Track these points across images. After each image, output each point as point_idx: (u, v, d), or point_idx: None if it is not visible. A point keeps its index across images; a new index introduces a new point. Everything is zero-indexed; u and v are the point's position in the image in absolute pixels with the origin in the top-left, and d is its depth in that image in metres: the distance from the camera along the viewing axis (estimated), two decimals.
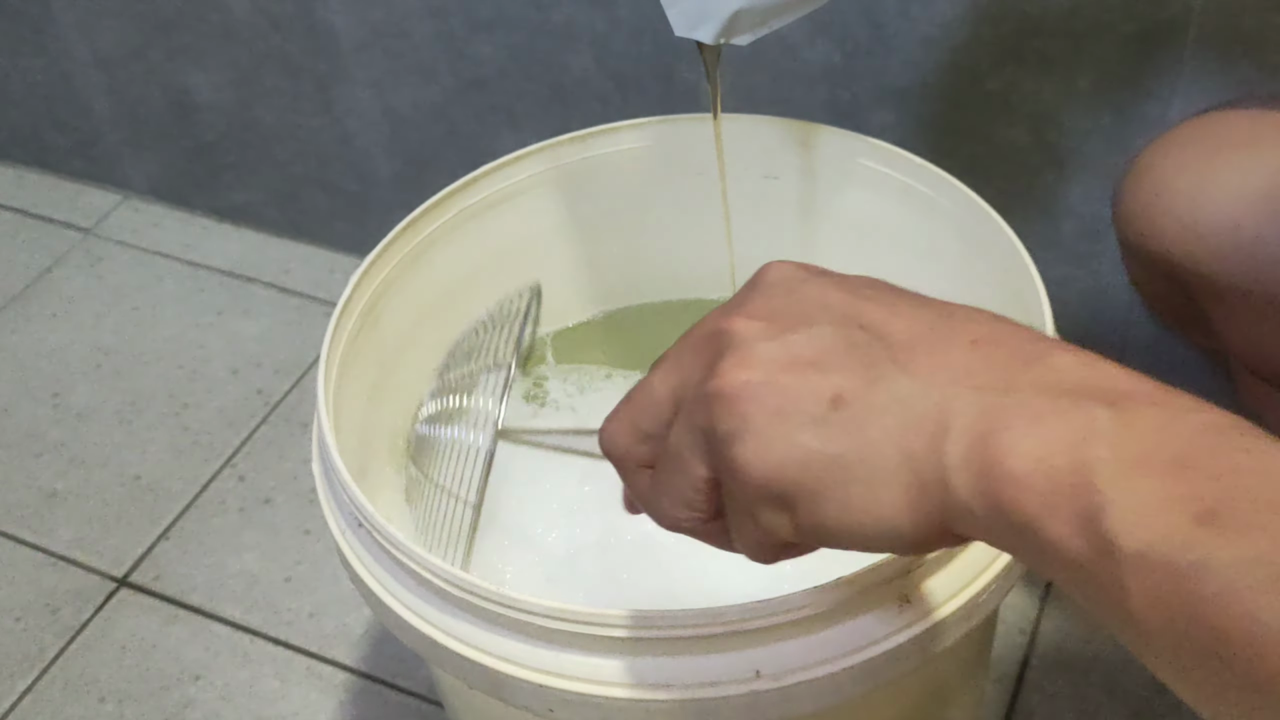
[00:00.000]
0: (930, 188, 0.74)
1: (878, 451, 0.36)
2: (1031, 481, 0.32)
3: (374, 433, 0.74)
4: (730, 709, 0.52)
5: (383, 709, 0.88)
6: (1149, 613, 0.30)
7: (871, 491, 0.36)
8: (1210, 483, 0.30)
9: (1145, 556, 0.30)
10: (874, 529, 0.36)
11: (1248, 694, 0.29)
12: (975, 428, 0.34)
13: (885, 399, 0.36)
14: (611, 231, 0.83)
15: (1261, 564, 0.28)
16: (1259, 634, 0.28)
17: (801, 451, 0.37)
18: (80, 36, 1.19)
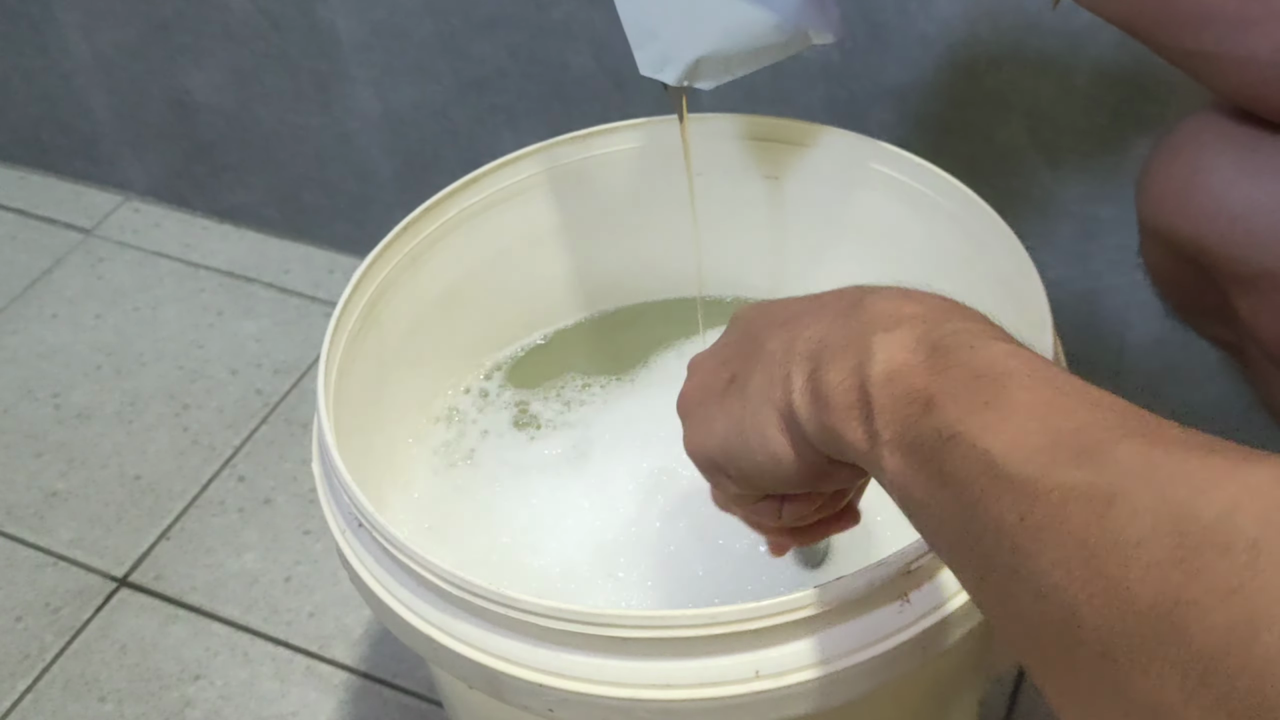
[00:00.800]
0: (930, 187, 0.74)
1: (755, 409, 0.46)
2: (834, 399, 0.42)
3: (374, 433, 0.74)
4: (730, 709, 0.52)
5: (382, 709, 0.88)
6: (898, 482, 0.38)
7: (758, 437, 0.46)
8: (936, 382, 0.38)
9: (891, 441, 0.39)
10: (771, 463, 0.46)
11: (972, 554, 0.34)
12: (805, 374, 0.44)
13: (756, 368, 0.47)
14: (611, 231, 0.83)
15: (962, 444, 0.35)
16: (960, 498, 0.35)
17: (711, 426, 0.49)
18: (80, 36, 1.19)
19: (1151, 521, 0.28)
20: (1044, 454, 0.33)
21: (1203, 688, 0.25)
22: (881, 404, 0.39)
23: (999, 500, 0.33)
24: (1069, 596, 0.30)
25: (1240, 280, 0.64)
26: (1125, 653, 0.28)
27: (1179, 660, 0.26)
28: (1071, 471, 0.32)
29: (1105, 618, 0.28)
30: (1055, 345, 0.63)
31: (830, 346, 0.43)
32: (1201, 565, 0.27)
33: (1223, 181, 0.63)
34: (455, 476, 0.77)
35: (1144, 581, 0.28)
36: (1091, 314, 0.91)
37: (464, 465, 0.78)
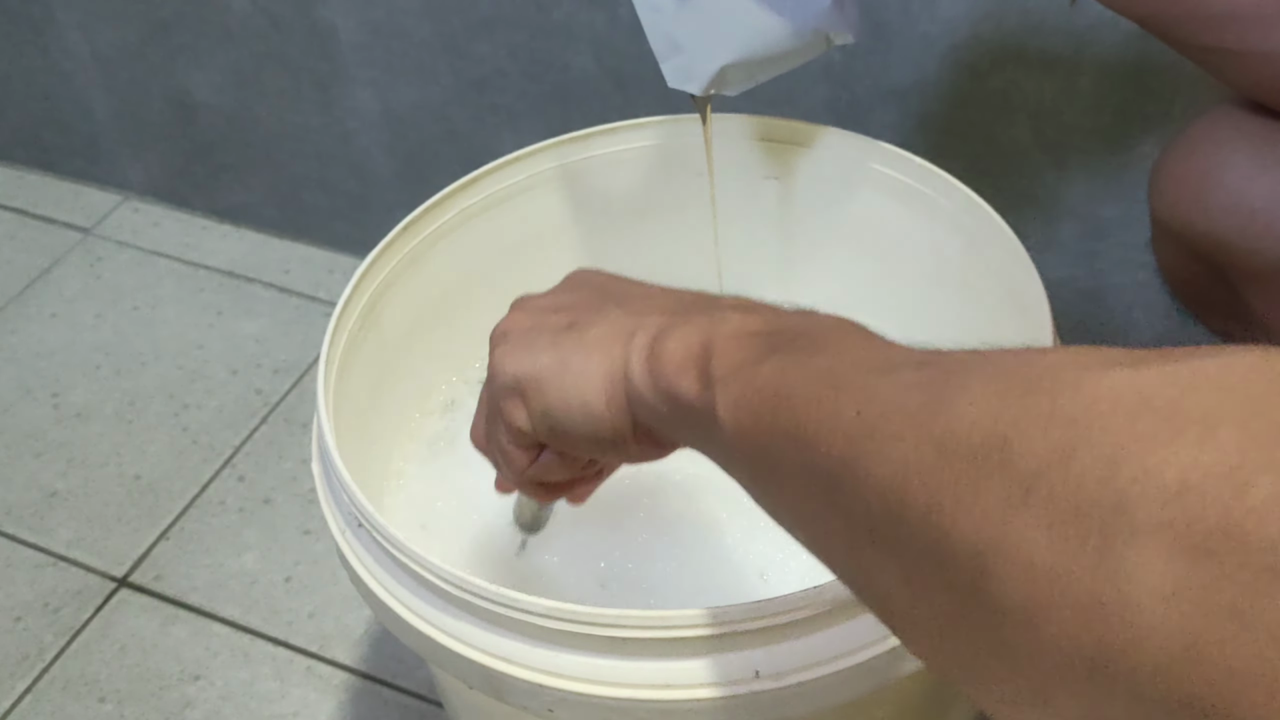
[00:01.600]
0: (931, 188, 0.74)
1: (588, 354, 0.47)
2: (675, 357, 0.43)
3: (374, 433, 0.74)
4: (730, 709, 0.52)
5: (382, 709, 0.88)
6: (729, 418, 0.39)
7: (580, 380, 0.47)
8: (780, 335, 0.40)
9: (727, 377, 0.40)
10: (579, 409, 0.47)
11: (801, 470, 0.35)
12: (651, 333, 0.45)
13: (601, 321, 0.48)
14: (611, 231, 0.83)
15: (796, 366, 0.37)
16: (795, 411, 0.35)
17: (536, 355, 0.49)
18: (80, 36, 1.19)
19: (981, 386, 0.29)
20: (885, 364, 0.35)
21: (1022, 507, 0.26)
22: (722, 349, 0.41)
23: (836, 403, 0.34)
24: (899, 466, 0.30)
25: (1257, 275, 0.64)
26: (950, 498, 0.28)
27: (999, 488, 0.27)
28: (909, 373, 0.33)
29: (932, 472, 0.29)
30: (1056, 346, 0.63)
31: (684, 316, 0.45)
32: (1028, 405, 0.28)
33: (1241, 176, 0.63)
34: (455, 476, 0.77)
35: (973, 428, 0.28)
36: (1096, 314, 0.91)
37: (464, 465, 0.78)
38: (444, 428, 0.80)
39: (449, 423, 0.80)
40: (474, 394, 0.82)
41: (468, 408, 0.81)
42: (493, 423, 0.53)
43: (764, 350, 0.40)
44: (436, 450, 0.79)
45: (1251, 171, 0.63)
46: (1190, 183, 0.65)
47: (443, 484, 0.77)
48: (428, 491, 0.77)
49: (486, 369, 0.52)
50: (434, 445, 0.79)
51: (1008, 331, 0.71)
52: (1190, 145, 0.66)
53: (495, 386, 0.51)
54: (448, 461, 0.78)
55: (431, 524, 0.75)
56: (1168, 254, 0.70)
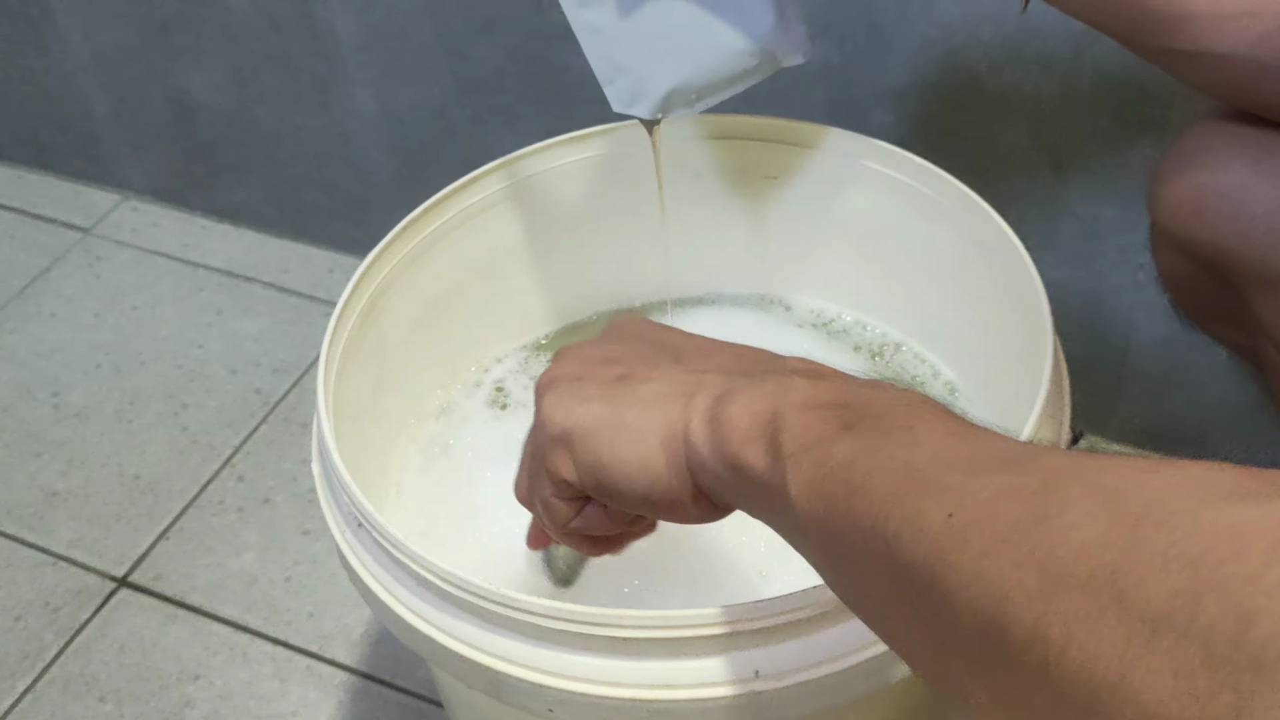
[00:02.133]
0: (931, 188, 0.74)
1: (644, 410, 0.45)
2: (740, 423, 0.41)
3: (374, 433, 0.74)
4: (730, 709, 0.52)
5: (382, 709, 0.88)
6: (803, 500, 0.37)
7: (635, 437, 0.45)
8: (853, 411, 0.39)
9: (798, 455, 0.38)
10: (635, 467, 0.45)
11: (880, 568, 0.33)
12: (714, 394, 0.43)
13: (658, 376, 0.46)
14: (612, 230, 0.83)
15: (874, 453, 0.35)
16: (874, 503, 0.34)
17: (587, 406, 0.47)
18: (80, 36, 1.19)
19: (1085, 507, 0.28)
20: (970, 462, 0.33)
21: (1145, 652, 0.25)
22: (793, 422, 0.39)
23: (921, 503, 0.32)
24: (996, 585, 0.29)
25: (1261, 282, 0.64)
26: (1059, 629, 0.27)
27: (1118, 627, 0.26)
28: (1000, 475, 0.31)
29: (1037, 598, 0.28)
30: (1056, 347, 0.63)
31: (747, 379, 0.43)
32: (1140, 537, 0.26)
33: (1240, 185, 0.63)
34: (456, 476, 0.77)
35: (1080, 556, 0.27)
36: (1096, 315, 0.91)
37: (464, 464, 0.78)
38: (444, 427, 0.80)
39: (449, 422, 0.80)
40: (475, 394, 0.82)
41: (468, 407, 0.81)
42: (536, 474, 0.50)
43: (837, 428, 0.38)
44: (436, 449, 0.79)
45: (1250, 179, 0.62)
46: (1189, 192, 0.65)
47: (443, 483, 0.77)
48: (428, 490, 0.77)
49: (533, 418, 0.49)
50: (434, 444, 0.79)
51: (1008, 332, 0.71)
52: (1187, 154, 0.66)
53: (541, 436, 0.49)
54: (448, 460, 0.78)
55: (431, 523, 0.75)
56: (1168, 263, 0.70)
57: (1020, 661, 0.28)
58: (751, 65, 0.67)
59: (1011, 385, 0.70)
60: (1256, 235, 0.62)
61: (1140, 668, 0.25)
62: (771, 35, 0.67)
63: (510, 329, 0.85)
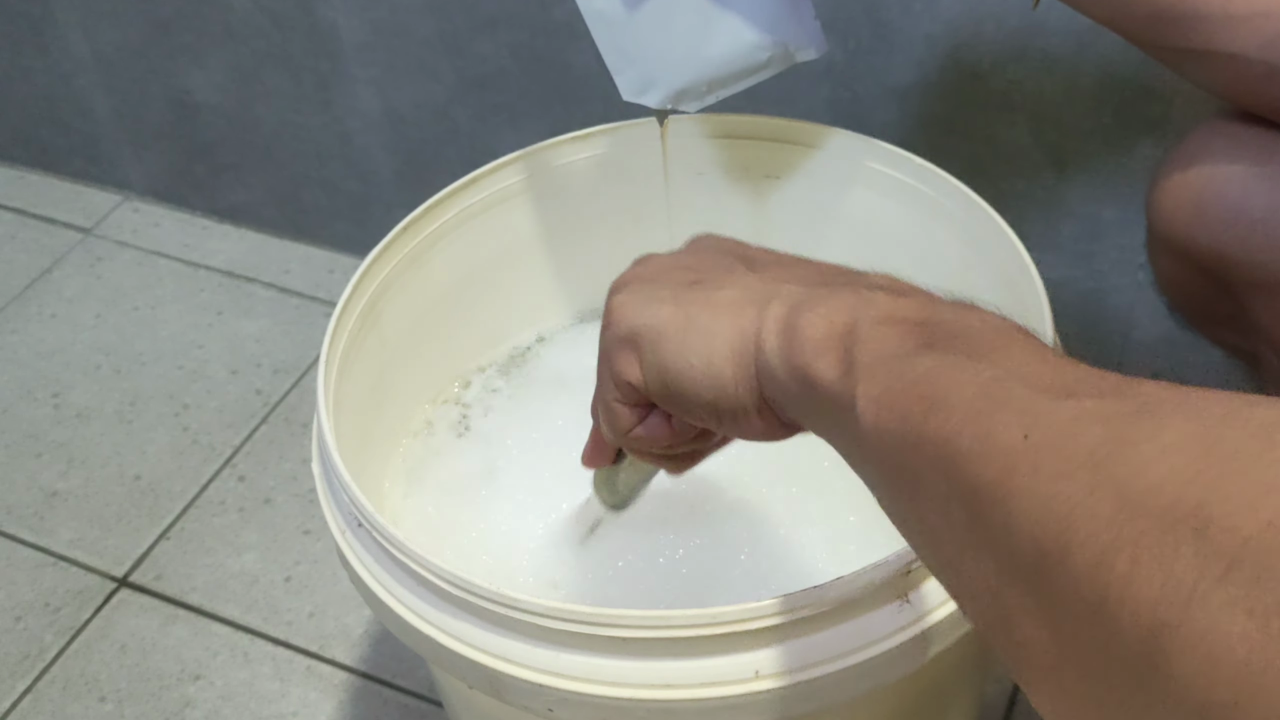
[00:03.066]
0: (931, 188, 0.74)
1: (715, 314, 0.44)
2: (813, 334, 0.40)
3: (374, 433, 0.74)
4: (730, 709, 0.52)
5: (382, 709, 0.88)
6: (870, 413, 0.36)
7: (704, 340, 0.43)
8: (937, 329, 0.37)
9: (873, 366, 0.36)
10: (702, 371, 0.43)
11: (943, 487, 0.32)
12: (789, 303, 0.42)
13: (732, 283, 0.45)
14: (611, 230, 0.83)
15: (954, 369, 0.34)
16: (948, 420, 0.32)
17: (657, 307, 0.45)
18: (80, 36, 1.19)
19: (1179, 435, 0.26)
20: (1058, 386, 0.31)
21: (1218, 586, 0.23)
22: (869, 334, 0.38)
23: (997, 420, 0.30)
24: (1065, 509, 0.27)
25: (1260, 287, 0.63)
26: (1127, 558, 0.25)
27: (1192, 561, 0.24)
28: (1088, 400, 0.30)
29: (1108, 525, 0.26)
30: (1056, 346, 0.63)
31: (827, 290, 0.41)
32: (1231, 469, 0.25)
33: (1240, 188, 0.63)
34: (456, 474, 0.77)
35: (1164, 484, 0.25)
36: (1095, 314, 0.91)
37: (465, 463, 0.78)
38: (444, 427, 0.80)
39: (449, 422, 0.80)
40: (475, 393, 0.82)
41: (468, 406, 0.81)
42: (601, 377, 0.49)
43: (917, 344, 0.36)
44: (437, 449, 0.79)
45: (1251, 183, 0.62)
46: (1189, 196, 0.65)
47: (443, 482, 0.77)
48: (428, 489, 0.77)
49: (602, 319, 0.48)
50: (434, 444, 0.79)
51: None
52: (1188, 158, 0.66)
53: (609, 337, 0.47)
54: (448, 459, 0.78)
55: (431, 523, 0.75)
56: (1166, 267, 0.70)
57: (1079, 593, 0.26)
58: (763, 59, 0.67)
59: None
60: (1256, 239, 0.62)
61: (1211, 604, 0.23)
62: (785, 29, 0.66)
63: (511, 328, 0.85)
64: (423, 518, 0.75)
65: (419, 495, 0.76)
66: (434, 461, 0.78)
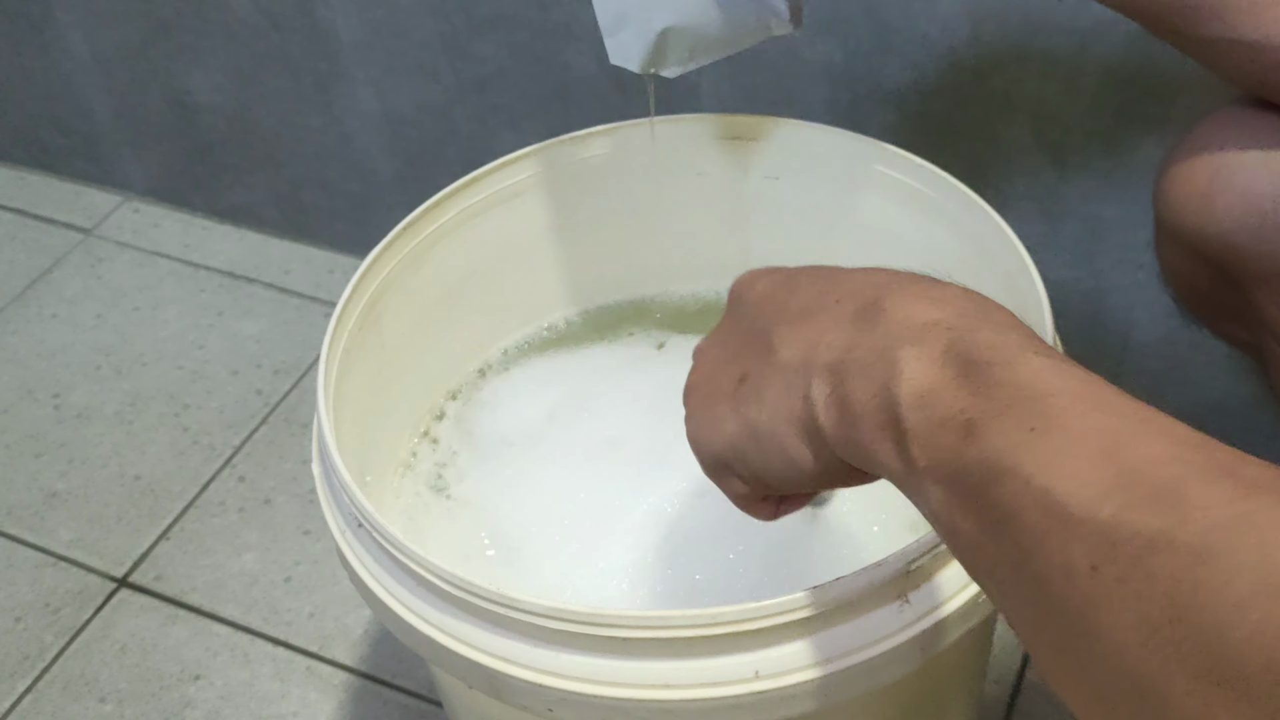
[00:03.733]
0: (931, 188, 0.74)
1: (773, 417, 0.44)
2: (864, 420, 0.39)
3: (374, 433, 0.74)
4: (730, 709, 0.52)
5: (382, 709, 0.88)
6: (947, 518, 0.36)
7: (777, 444, 0.44)
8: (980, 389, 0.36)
9: (931, 470, 0.36)
10: (791, 469, 0.44)
11: (1034, 602, 0.32)
12: (827, 388, 0.42)
13: (770, 373, 0.45)
14: (611, 230, 0.83)
15: (1006, 478, 0.33)
16: (1021, 541, 0.32)
17: (720, 426, 0.47)
18: (80, 36, 1.19)
19: (1253, 581, 0.26)
20: (1115, 495, 0.30)
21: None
22: (915, 428, 0.37)
23: (1067, 546, 0.30)
24: (1156, 659, 0.27)
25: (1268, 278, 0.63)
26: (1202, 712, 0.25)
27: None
28: (1152, 518, 0.29)
29: (1202, 684, 0.26)
30: (1056, 346, 0.63)
31: (853, 360, 0.41)
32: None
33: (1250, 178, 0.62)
34: (457, 474, 0.77)
35: (1250, 645, 0.25)
36: (1096, 314, 0.91)
37: (465, 462, 0.78)
38: (444, 426, 0.80)
39: (449, 421, 0.80)
40: (475, 393, 0.82)
41: (468, 406, 0.81)
42: (726, 494, 0.51)
43: (959, 437, 0.35)
44: (437, 448, 0.79)
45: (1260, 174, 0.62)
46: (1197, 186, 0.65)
47: (444, 483, 0.77)
48: (428, 489, 0.77)
49: (687, 440, 0.50)
50: (434, 443, 0.79)
51: None
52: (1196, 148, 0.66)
53: (704, 468, 0.50)
54: (448, 459, 0.78)
55: (431, 523, 0.75)
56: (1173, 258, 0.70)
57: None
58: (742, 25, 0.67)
59: None
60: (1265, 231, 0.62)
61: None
62: None
63: (511, 328, 0.85)
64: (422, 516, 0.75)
65: (419, 495, 0.76)
66: (434, 461, 0.78)
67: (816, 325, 0.44)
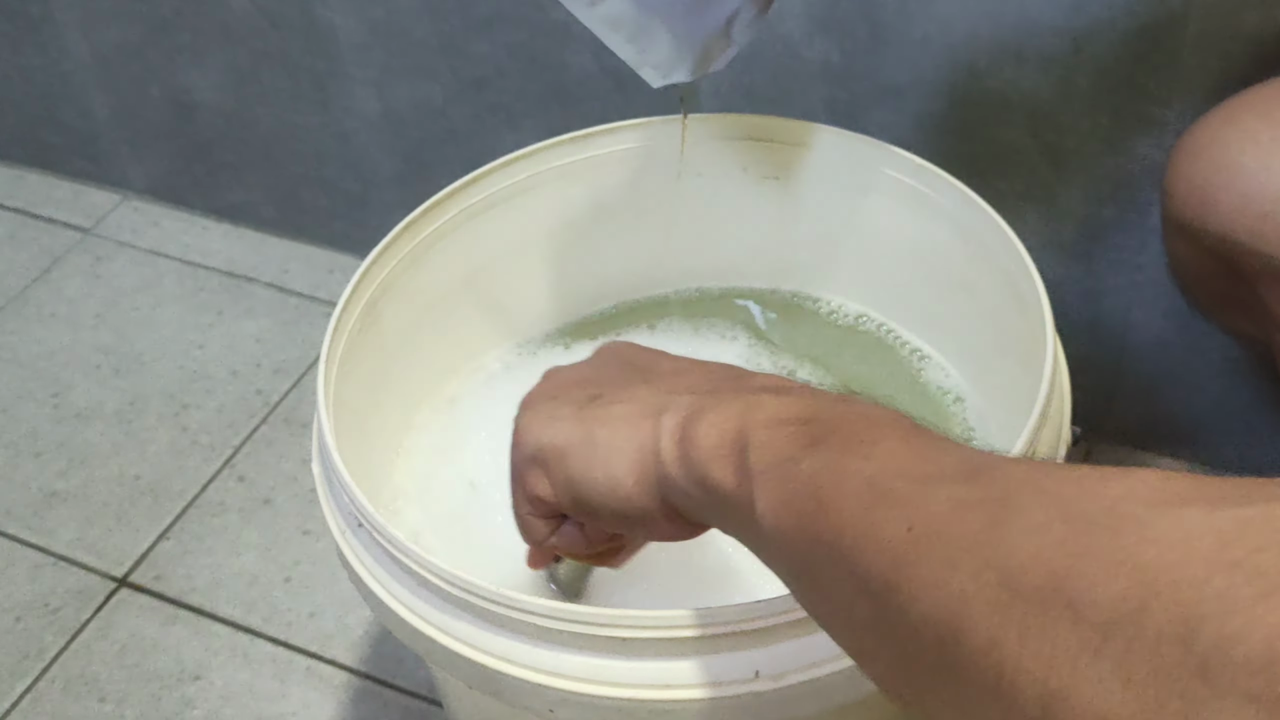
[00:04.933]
0: (930, 188, 0.74)
1: (614, 430, 0.46)
2: (708, 442, 0.41)
3: (374, 433, 0.74)
4: (730, 709, 0.52)
5: (383, 709, 0.88)
6: (769, 516, 0.37)
7: (607, 457, 0.45)
8: (819, 425, 0.38)
9: (766, 472, 0.38)
10: (605, 485, 0.46)
11: (843, 581, 0.34)
12: (682, 414, 0.44)
13: (628, 397, 0.47)
14: (611, 230, 0.83)
15: (838, 469, 0.36)
16: (836, 519, 0.34)
17: (558, 425, 0.48)
18: (80, 36, 1.19)
19: (1039, 516, 0.29)
20: (931, 476, 0.33)
21: (1096, 659, 0.25)
22: (760, 440, 0.39)
23: (882, 515, 0.33)
24: (954, 595, 0.29)
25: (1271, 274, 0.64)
26: (1015, 637, 0.27)
27: (1070, 635, 0.26)
28: (957, 486, 0.32)
29: (994, 607, 0.28)
30: (1055, 346, 0.63)
31: (715, 397, 0.43)
32: (1090, 545, 0.27)
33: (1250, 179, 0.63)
34: (457, 474, 0.77)
35: (1033, 564, 0.27)
36: (1094, 315, 0.91)
37: (465, 462, 0.78)
38: (444, 427, 0.80)
39: (449, 423, 0.80)
40: (475, 392, 0.82)
41: (467, 407, 0.81)
42: (514, 492, 0.52)
43: (803, 444, 0.38)
44: (437, 449, 0.79)
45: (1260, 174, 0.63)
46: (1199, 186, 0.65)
47: (443, 482, 0.77)
48: (428, 489, 0.77)
49: (511, 436, 0.51)
50: (434, 444, 0.79)
51: (1007, 331, 0.71)
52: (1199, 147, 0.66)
53: (517, 455, 0.50)
54: (448, 459, 0.78)
55: (432, 523, 0.75)
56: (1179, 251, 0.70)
57: (976, 672, 0.28)
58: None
59: (1011, 384, 0.70)
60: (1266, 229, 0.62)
61: (1091, 675, 0.25)
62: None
63: (511, 328, 0.85)
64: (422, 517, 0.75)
65: (419, 494, 0.77)
66: (435, 460, 0.78)
67: (684, 379, 0.47)
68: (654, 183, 0.81)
